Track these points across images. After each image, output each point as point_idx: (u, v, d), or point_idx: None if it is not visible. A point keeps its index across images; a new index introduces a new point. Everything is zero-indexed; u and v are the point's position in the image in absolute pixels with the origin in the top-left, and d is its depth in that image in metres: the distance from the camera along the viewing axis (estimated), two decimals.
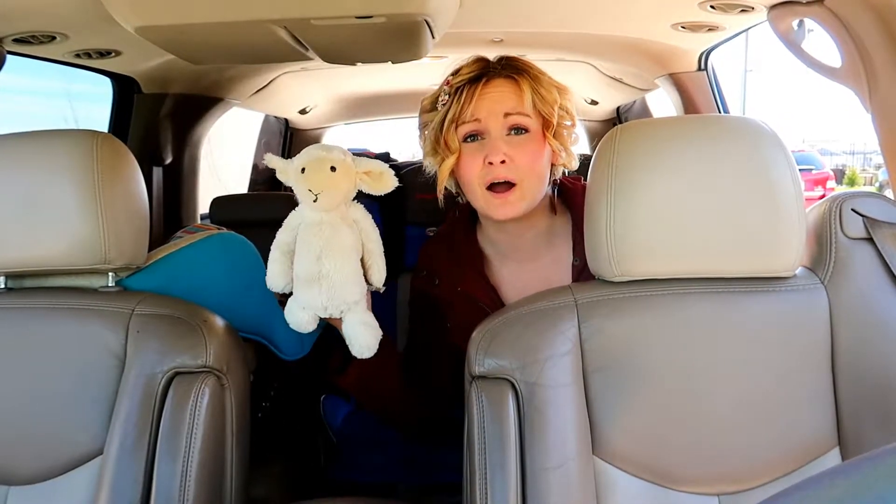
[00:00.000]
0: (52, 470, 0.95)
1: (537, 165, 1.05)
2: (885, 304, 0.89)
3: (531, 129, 1.05)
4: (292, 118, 3.10)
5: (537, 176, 1.06)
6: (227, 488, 0.97)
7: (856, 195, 0.94)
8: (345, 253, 0.98)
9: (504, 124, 1.04)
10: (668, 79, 1.92)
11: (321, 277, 0.97)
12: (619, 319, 0.89)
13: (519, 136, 1.04)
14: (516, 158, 1.03)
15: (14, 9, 1.19)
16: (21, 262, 0.98)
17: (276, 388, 1.84)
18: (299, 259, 0.99)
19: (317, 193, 0.96)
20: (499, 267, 1.15)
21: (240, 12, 1.05)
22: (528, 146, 1.04)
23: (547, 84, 1.07)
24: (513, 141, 1.04)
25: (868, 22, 1.03)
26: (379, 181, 0.99)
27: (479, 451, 0.85)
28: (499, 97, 1.05)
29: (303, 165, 0.97)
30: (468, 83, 1.06)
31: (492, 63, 1.08)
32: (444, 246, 1.18)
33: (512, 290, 1.12)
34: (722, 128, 0.90)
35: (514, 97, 1.04)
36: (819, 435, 0.89)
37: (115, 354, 0.96)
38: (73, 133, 1.00)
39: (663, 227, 0.86)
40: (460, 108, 1.05)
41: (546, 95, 1.06)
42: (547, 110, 1.05)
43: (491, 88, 1.05)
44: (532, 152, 1.04)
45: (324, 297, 0.98)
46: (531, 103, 1.04)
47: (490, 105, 1.04)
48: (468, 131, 1.06)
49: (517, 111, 1.04)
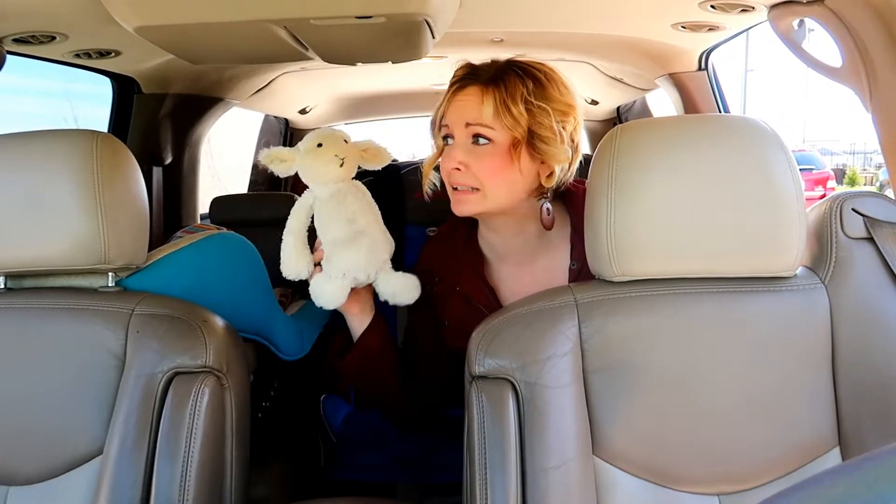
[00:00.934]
0: (52, 470, 0.95)
1: (497, 177, 1.04)
2: (885, 304, 0.89)
3: (495, 140, 1.04)
4: (292, 118, 3.10)
5: (499, 185, 1.05)
6: (227, 488, 0.97)
7: (856, 195, 0.94)
8: (372, 210, 1.05)
9: (467, 133, 1.05)
10: (668, 79, 1.92)
11: (359, 235, 1.02)
12: (619, 319, 0.89)
13: (479, 145, 1.05)
14: (473, 166, 1.04)
15: (14, 9, 1.19)
16: (21, 262, 0.98)
17: (276, 388, 1.84)
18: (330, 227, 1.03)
19: (342, 157, 1.01)
20: (497, 268, 1.16)
21: (240, 12, 1.05)
22: (488, 158, 1.04)
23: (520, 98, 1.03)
24: (473, 150, 1.05)
25: (868, 22, 1.02)
26: (377, 157, 1.06)
27: (479, 451, 0.85)
28: (463, 105, 1.06)
29: (318, 142, 1.03)
30: (449, 87, 1.10)
31: (481, 68, 1.08)
32: (446, 245, 1.19)
33: (509, 292, 1.13)
34: (722, 127, 0.90)
35: (475, 107, 1.04)
36: (819, 435, 0.89)
37: (114, 354, 0.96)
38: (73, 133, 1.00)
39: (663, 227, 0.86)
40: (439, 111, 1.10)
41: (515, 111, 1.02)
42: (512, 125, 1.02)
43: (461, 96, 1.07)
44: (491, 164, 1.04)
45: (363, 254, 1.02)
46: (491, 115, 1.03)
47: (455, 112, 1.07)
48: (444, 133, 1.10)
49: (477, 121, 1.04)
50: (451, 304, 1.14)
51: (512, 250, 1.14)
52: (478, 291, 1.13)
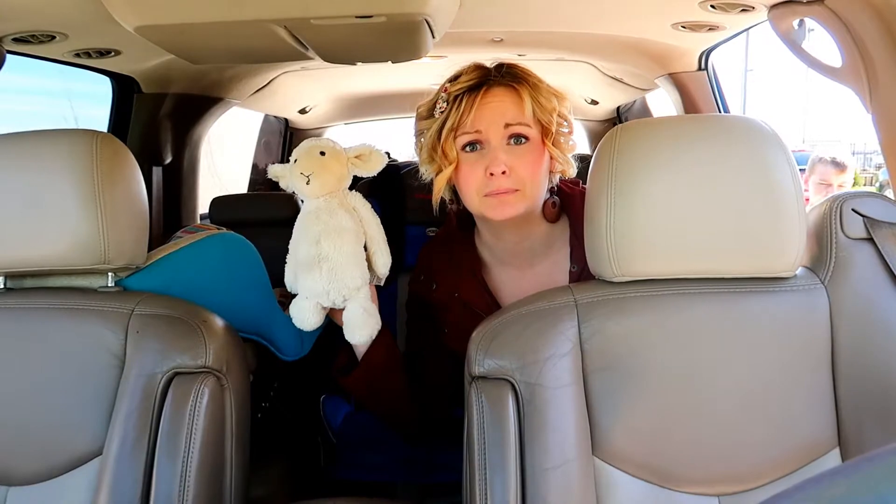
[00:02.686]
0: (51, 470, 0.95)
1: (538, 173, 1.05)
2: (885, 304, 0.89)
3: (531, 137, 1.04)
4: (292, 118, 3.10)
5: (537, 183, 1.05)
6: (227, 488, 0.97)
7: (856, 195, 0.94)
8: (343, 234, 0.98)
9: (504, 134, 1.03)
10: (668, 79, 1.92)
11: (321, 260, 0.98)
12: (619, 320, 0.89)
13: (519, 145, 1.03)
14: (517, 168, 1.02)
15: (14, 8, 1.19)
16: (21, 262, 0.98)
17: (276, 388, 1.84)
18: (297, 245, 1.00)
19: (308, 175, 0.97)
20: (497, 273, 1.14)
21: (240, 12, 1.05)
22: (528, 155, 1.03)
23: (546, 92, 1.06)
24: (513, 150, 1.03)
25: (869, 22, 1.02)
26: (369, 162, 1.01)
27: (479, 451, 0.85)
28: (499, 107, 1.03)
29: (295, 157, 1.00)
30: (467, 91, 1.04)
31: (491, 71, 1.07)
32: (444, 250, 1.17)
33: (510, 296, 1.12)
34: (722, 127, 0.90)
35: (514, 107, 1.03)
36: (819, 435, 0.89)
37: (114, 354, 0.96)
38: (73, 133, 1.00)
39: (663, 227, 0.86)
40: (459, 117, 1.03)
41: (545, 104, 1.05)
42: (546, 118, 1.04)
43: (491, 98, 1.04)
44: (532, 161, 1.04)
45: (324, 280, 0.98)
46: (531, 112, 1.03)
47: (490, 115, 1.03)
48: (467, 141, 1.04)
49: (517, 121, 1.03)
50: (451, 310, 1.13)
51: (514, 254, 1.13)
52: (477, 297, 1.11)
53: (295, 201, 2.22)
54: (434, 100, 1.08)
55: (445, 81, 1.08)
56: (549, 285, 1.04)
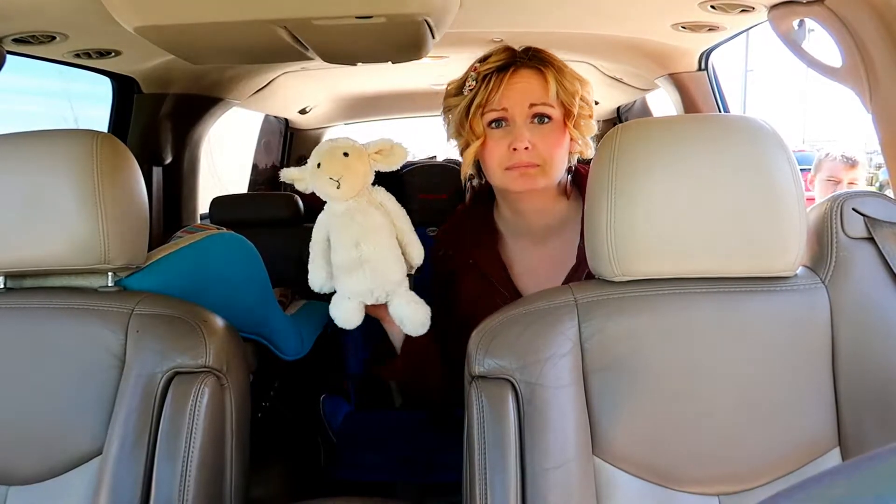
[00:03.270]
0: (51, 470, 0.95)
1: (558, 152, 1.11)
2: (885, 304, 0.89)
3: (554, 117, 1.10)
4: (292, 118, 3.10)
5: (558, 161, 1.11)
6: (227, 488, 0.97)
7: (857, 194, 0.93)
8: (381, 234, 1.00)
9: (529, 113, 1.09)
10: (668, 79, 1.92)
11: (363, 262, 0.99)
12: (619, 319, 0.89)
13: (542, 124, 1.10)
14: (539, 145, 1.08)
15: (14, 8, 1.19)
16: (21, 262, 0.98)
17: (276, 388, 1.84)
18: (336, 250, 1.01)
19: (338, 179, 0.98)
20: (511, 245, 1.19)
21: (240, 12, 1.05)
22: (551, 134, 1.10)
23: (570, 76, 1.13)
24: (536, 129, 1.09)
25: (868, 22, 1.02)
26: (391, 156, 1.02)
27: (479, 451, 0.85)
28: (525, 87, 1.09)
29: (318, 161, 0.99)
30: (496, 71, 1.10)
31: (518, 53, 1.13)
32: (462, 224, 1.23)
33: (522, 269, 1.16)
34: (723, 127, 0.90)
35: (539, 88, 1.09)
36: (819, 435, 0.89)
37: (114, 354, 0.96)
38: (73, 133, 1.00)
39: (664, 227, 0.86)
40: (487, 94, 1.09)
41: (569, 87, 1.11)
42: (569, 101, 1.10)
43: (518, 78, 1.10)
44: (554, 140, 1.10)
45: (368, 281, 0.99)
46: (555, 94, 1.10)
47: (517, 95, 1.09)
48: (494, 118, 1.10)
49: (542, 101, 1.09)
50: (465, 277, 1.17)
51: (529, 229, 1.18)
52: (491, 266, 1.16)
53: (295, 201, 2.22)
54: (464, 78, 1.14)
55: (475, 62, 1.14)
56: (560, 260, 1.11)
